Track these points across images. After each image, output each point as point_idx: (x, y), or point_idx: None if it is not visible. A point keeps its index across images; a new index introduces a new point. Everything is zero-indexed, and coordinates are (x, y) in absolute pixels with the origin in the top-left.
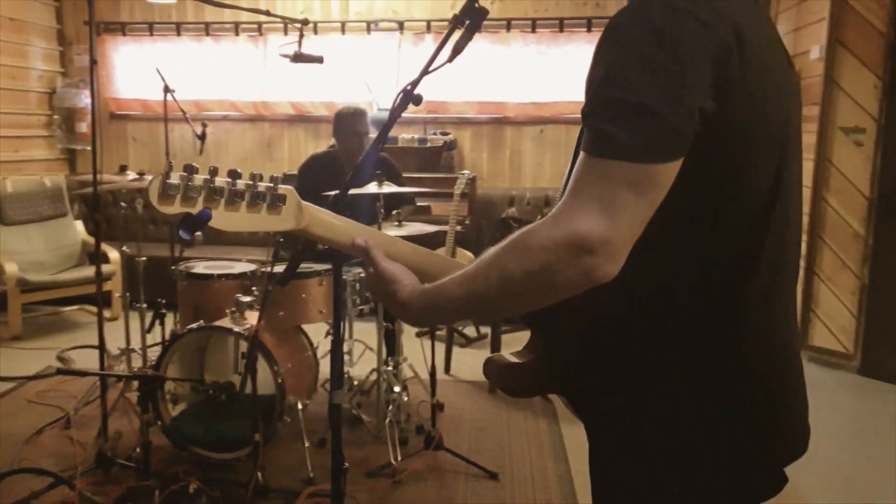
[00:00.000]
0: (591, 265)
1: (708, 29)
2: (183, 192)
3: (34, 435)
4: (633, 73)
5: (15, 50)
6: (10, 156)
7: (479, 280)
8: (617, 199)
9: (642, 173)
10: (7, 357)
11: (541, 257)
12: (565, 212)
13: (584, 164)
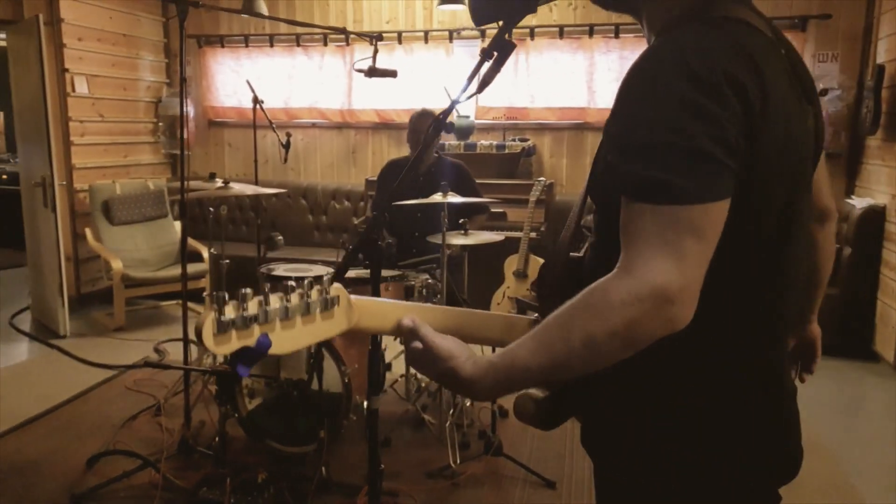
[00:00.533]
0: (674, 315)
1: (734, 69)
2: (239, 325)
3: (129, 420)
4: (677, 117)
5: (127, 63)
6: (119, 160)
7: (558, 346)
8: (685, 244)
9: (702, 215)
10: (111, 347)
11: (625, 315)
12: (639, 265)
13: (640, 211)
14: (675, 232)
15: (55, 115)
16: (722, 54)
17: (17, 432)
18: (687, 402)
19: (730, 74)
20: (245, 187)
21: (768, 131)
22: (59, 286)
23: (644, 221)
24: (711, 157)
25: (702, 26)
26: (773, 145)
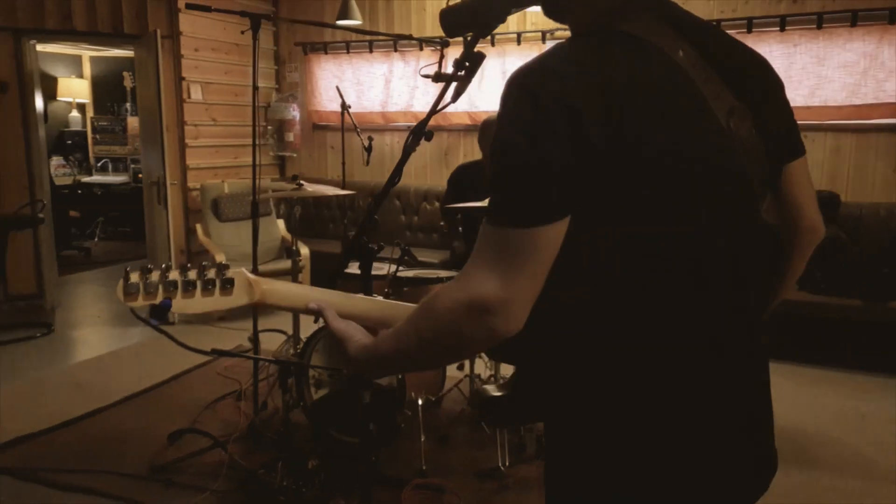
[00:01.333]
0: (493, 324)
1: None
2: (143, 289)
3: (213, 402)
4: (512, 140)
5: (239, 70)
6: (229, 162)
7: (402, 339)
8: (508, 262)
9: (526, 238)
10: (211, 334)
11: (447, 319)
12: (465, 276)
13: (482, 227)
14: (500, 251)
15: (172, 120)
16: (567, 77)
17: (118, 406)
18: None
19: (563, 100)
20: (320, 188)
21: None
22: None
23: (482, 236)
24: (535, 183)
25: (574, 44)
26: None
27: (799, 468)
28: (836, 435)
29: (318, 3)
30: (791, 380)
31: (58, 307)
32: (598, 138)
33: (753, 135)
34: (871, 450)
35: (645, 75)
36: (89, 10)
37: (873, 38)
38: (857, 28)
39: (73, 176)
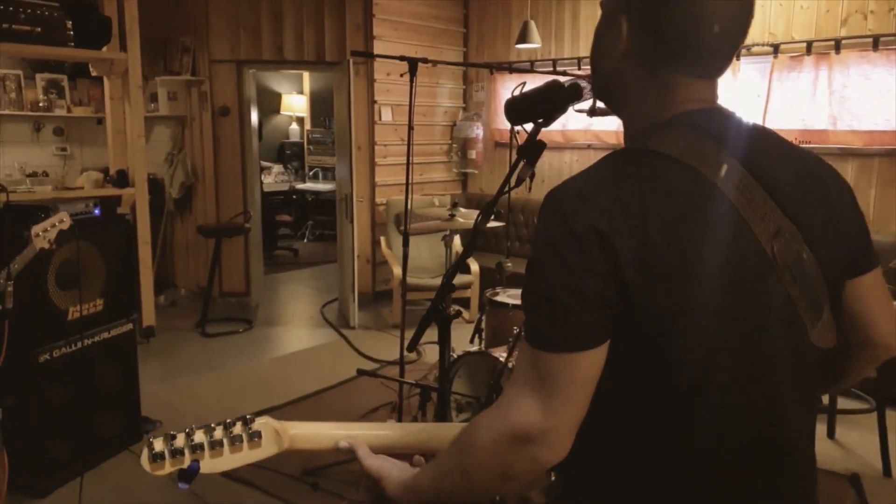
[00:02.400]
0: (536, 454)
1: (601, 219)
2: (169, 455)
3: (370, 411)
4: (547, 265)
5: (428, 91)
6: (415, 178)
7: (444, 476)
8: (549, 388)
9: (566, 363)
10: (384, 341)
11: (491, 451)
12: (506, 402)
13: (521, 350)
14: (540, 376)
15: (363, 140)
16: (596, 206)
17: (290, 407)
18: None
19: (596, 230)
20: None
21: (663, 267)
22: (351, 285)
23: (521, 359)
24: (570, 309)
25: (609, 166)
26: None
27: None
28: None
29: (506, 25)
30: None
31: (261, 304)
32: (630, 268)
33: (803, 255)
34: None
35: (677, 204)
36: (297, 41)
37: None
38: None
39: (290, 183)
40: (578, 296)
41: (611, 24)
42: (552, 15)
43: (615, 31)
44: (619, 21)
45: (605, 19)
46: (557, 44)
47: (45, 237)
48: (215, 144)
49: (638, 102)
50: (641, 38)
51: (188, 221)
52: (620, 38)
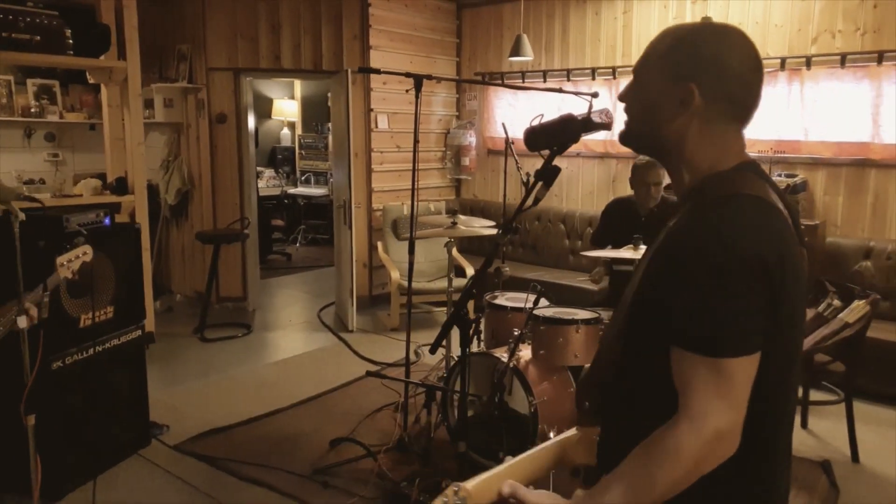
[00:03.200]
0: (727, 449)
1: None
2: None
3: (374, 412)
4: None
5: (423, 100)
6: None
7: (645, 489)
8: (734, 390)
9: (742, 365)
10: (383, 344)
11: (696, 457)
12: (700, 415)
13: (693, 361)
14: (724, 380)
15: (360, 147)
16: (753, 237)
17: (294, 409)
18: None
19: (761, 257)
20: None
21: (785, 294)
22: (350, 289)
23: (698, 369)
24: (747, 320)
25: (736, 206)
26: (787, 303)
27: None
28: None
29: (497, 37)
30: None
31: (258, 309)
32: (773, 285)
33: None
34: None
35: (787, 232)
36: (295, 50)
37: None
38: None
39: (281, 187)
40: (754, 311)
41: (671, 89)
42: (542, 28)
43: (679, 95)
44: (688, 88)
45: (663, 84)
46: (548, 56)
47: (69, 267)
48: (212, 151)
49: (696, 153)
50: (713, 101)
51: (184, 227)
52: (690, 102)
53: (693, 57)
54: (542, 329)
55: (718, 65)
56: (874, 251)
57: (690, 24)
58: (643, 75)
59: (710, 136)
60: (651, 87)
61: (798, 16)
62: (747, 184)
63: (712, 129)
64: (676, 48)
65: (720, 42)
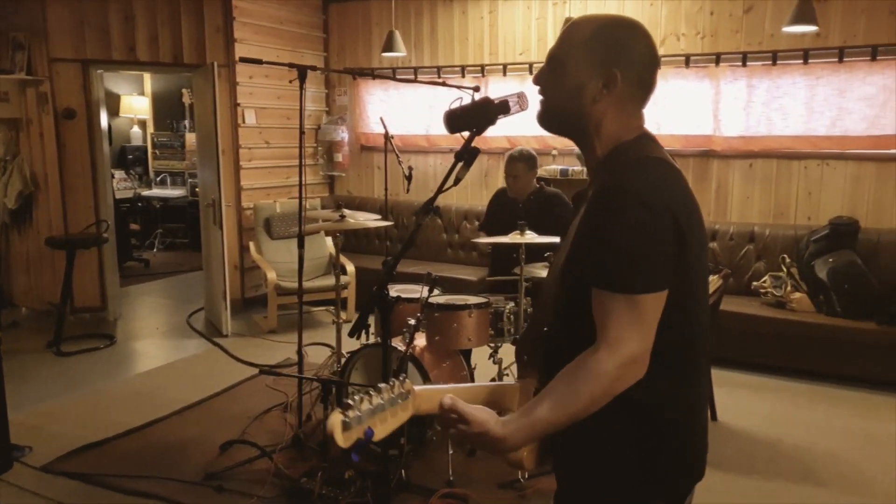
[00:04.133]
0: (639, 372)
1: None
2: (357, 422)
3: (262, 414)
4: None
5: (291, 95)
6: (281, 181)
7: (570, 404)
8: (645, 322)
9: (654, 301)
10: (262, 347)
11: (614, 378)
12: (616, 341)
13: (612, 298)
14: (637, 313)
15: (227, 144)
16: (663, 189)
17: (176, 416)
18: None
19: (668, 205)
20: (362, 220)
21: (692, 238)
22: (223, 292)
23: (614, 305)
24: (658, 262)
25: (644, 165)
26: (693, 247)
27: (801, 483)
28: (841, 453)
29: (366, 33)
30: (806, 398)
31: (119, 319)
32: (681, 229)
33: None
34: (872, 468)
35: (686, 187)
36: (152, 42)
37: (893, 71)
38: (878, 62)
39: (134, 189)
40: (664, 253)
41: (595, 74)
42: (411, 25)
43: (602, 80)
44: (612, 73)
45: (586, 70)
46: (418, 53)
47: None
48: (59, 149)
49: (610, 129)
50: (628, 84)
51: (28, 234)
52: (614, 85)
53: (615, 45)
54: (436, 316)
55: (633, 53)
56: (718, 233)
57: (604, 16)
58: (564, 61)
59: (623, 115)
60: (575, 72)
61: (647, 19)
62: (651, 149)
63: (625, 108)
64: (598, 37)
65: (632, 33)
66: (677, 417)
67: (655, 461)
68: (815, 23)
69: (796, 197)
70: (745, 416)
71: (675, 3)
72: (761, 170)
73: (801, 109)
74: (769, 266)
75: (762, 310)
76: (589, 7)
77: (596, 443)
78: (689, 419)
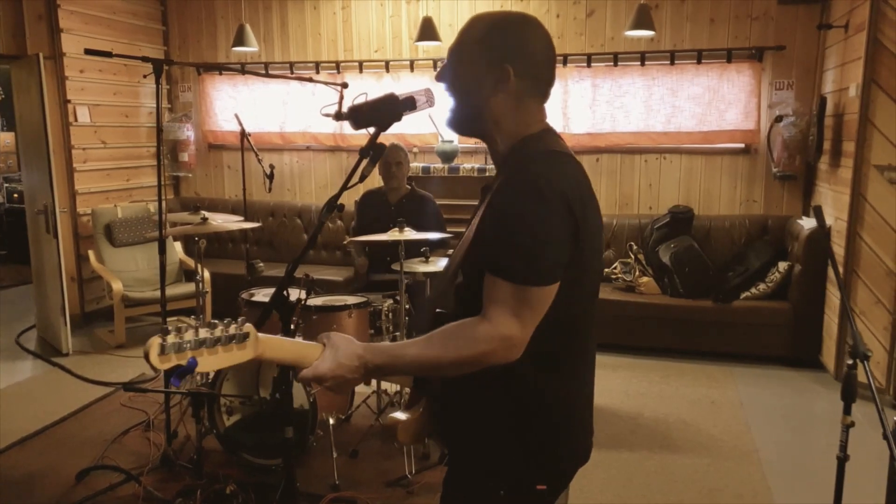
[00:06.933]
0: (510, 355)
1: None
2: (175, 349)
3: (120, 435)
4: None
5: (129, 91)
6: (122, 184)
7: (435, 354)
8: (528, 312)
9: (538, 293)
10: (111, 364)
11: (482, 348)
12: (497, 319)
13: (501, 284)
14: (520, 303)
15: (57, 144)
16: (560, 181)
17: (17, 448)
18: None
19: (565, 198)
20: (226, 221)
21: (586, 230)
22: (61, 307)
23: (503, 291)
24: (549, 255)
25: (545, 159)
26: (588, 239)
27: (660, 450)
28: (691, 420)
29: (211, 26)
30: (659, 373)
31: None
32: (576, 222)
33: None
34: (717, 430)
35: (584, 180)
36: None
37: (715, 73)
38: (702, 65)
39: None
40: (557, 245)
41: (489, 70)
42: (260, 19)
43: (496, 76)
44: (505, 69)
45: (481, 67)
46: (268, 48)
47: None
48: None
49: (510, 124)
50: (523, 80)
51: None
52: (507, 81)
53: (507, 42)
54: (314, 318)
55: (527, 49)
56: None
57: (499, 13)
58: (460, 59)
59: (522, 110)
60: (469, 70)
61: None
62: (552, 142)
63: (523, 103)
64: (491, 34)
65: (526, 29)
66: (561, 402)
67: (539, 445)
68: (653, 28)
69: (639, 188)
70: (606, 394)
71: (522, 4)
72: (607, 164)
73: (640, 108)
74: (618, 253)
75: (614, 294)
76: (442, 7)
77: (481, 424)
78: (572, 404)
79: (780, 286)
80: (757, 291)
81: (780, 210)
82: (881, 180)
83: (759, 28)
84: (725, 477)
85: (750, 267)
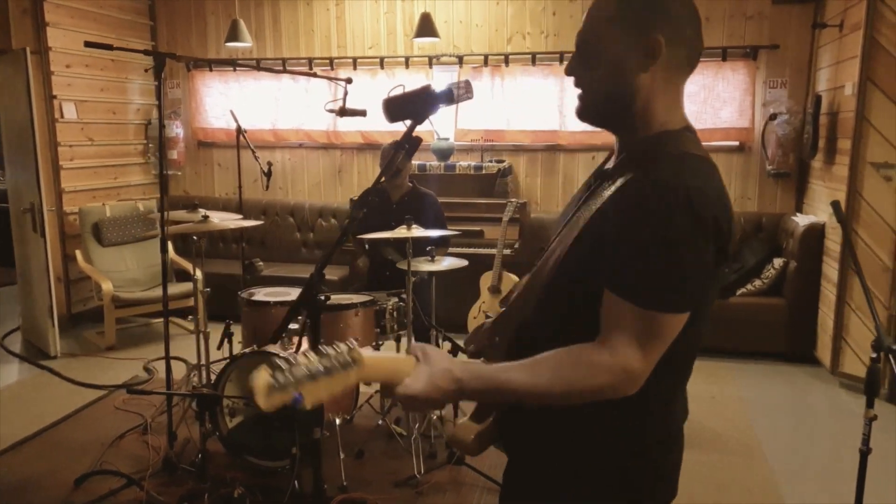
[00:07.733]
0: (629, 389)
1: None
2: (280, 388)
3: (117, 439)
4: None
5: (116, 87)
6: (110, 182)
7: (545, 382)
8: (654, 342)
9: (669, 322)
10: (102, 366)
11: (602, 380)
12: (619, 348)
13: (626, 307)
14: (648, 331)
15: (43, 141)
16: (711, 199)
17: (9, 454)
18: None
19: (716, 220)
20: (226, 219)
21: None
22: (48, 308)
23: (628, 316)
24: (692, 280)
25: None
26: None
27: None
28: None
29: (201, 21)
30: None
31: None
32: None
33: None
34: (721, 427)
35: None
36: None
37: (710, 72)
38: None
39: None
40: (702, 273)
41: (635, 44)
42: (251, 15)
43: (643, 49)
44: (654, 39)
45: (624, 42)
46: (260, 44)
47: None
48: None
49: (659, 108)
50: (672, 48)
51: None
52: (659, 52)
53: (649, 7)
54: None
55: (671, 12)
56: None
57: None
58: (597, 39)
59: (672, 89)
60: (612, 47)
61: (495, 18)
62: (695, 145)
63: (672, 78)
64: (629, 2)
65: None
66: (662, 444)
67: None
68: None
69: None
70: None
71: (519, 3)
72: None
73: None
74: None
75: None
76: (437, 4)
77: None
78: (672, 434)
79: (776, 283)
80: (752, 288)
81: (775, 207)
82: (877, 177)
83: (754, 27)
84: (733, 472)
85: (745, 264)
